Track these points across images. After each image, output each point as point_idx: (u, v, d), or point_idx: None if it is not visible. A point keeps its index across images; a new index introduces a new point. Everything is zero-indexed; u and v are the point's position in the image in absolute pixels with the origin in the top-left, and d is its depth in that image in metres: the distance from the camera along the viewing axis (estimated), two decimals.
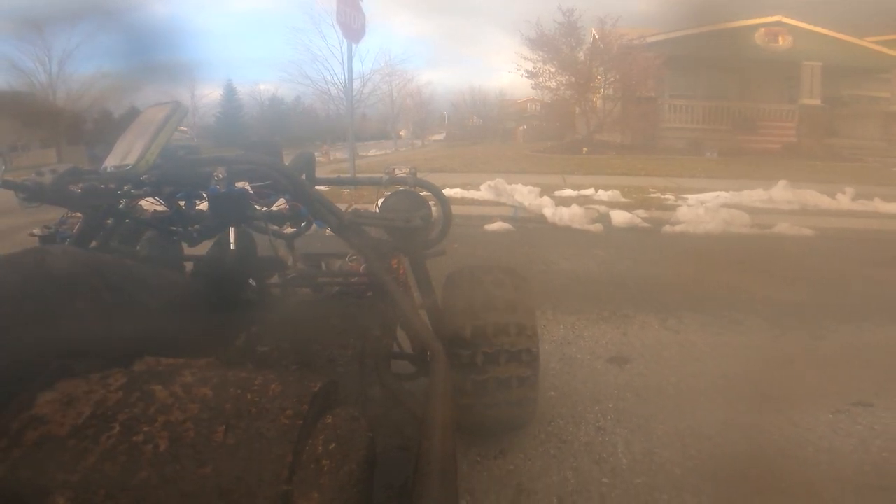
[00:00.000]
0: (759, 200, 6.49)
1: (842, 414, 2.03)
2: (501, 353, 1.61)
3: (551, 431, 1.90)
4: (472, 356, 1.59)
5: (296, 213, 1.45)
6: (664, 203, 6.62)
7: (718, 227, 5.34)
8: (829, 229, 5.47)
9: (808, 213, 6.18)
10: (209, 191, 1.24)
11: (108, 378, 0.76)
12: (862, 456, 1.80)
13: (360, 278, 1.68)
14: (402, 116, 32.00)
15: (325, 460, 0.70)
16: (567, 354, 2.53)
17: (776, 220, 5.56)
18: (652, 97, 15.82)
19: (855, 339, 2.77)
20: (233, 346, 1.17)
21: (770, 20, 15.58)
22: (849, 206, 6.54)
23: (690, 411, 2.03)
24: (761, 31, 15.58)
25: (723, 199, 6.40)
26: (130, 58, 3.16)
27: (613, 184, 7.93)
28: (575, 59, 16.32)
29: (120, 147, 1.34)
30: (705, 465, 1.74)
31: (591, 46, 16.15)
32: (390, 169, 1.83)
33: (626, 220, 5.61)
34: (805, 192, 6.68)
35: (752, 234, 5.27)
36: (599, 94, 16.99)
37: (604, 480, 1.66)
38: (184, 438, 0.67)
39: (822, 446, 1.84)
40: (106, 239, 1.43)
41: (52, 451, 0.64)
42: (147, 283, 1.07)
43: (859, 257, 4.50)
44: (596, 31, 16.01)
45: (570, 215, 5.61)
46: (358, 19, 9.16)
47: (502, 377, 1.61)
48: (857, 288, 3.62)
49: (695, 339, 2.73)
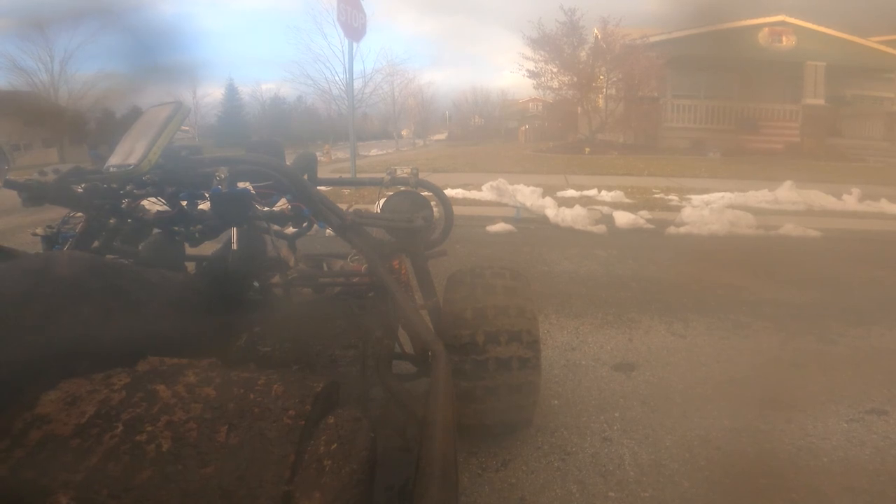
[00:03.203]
0: (764, 201, 6.41)
1: (856, 423, 1.97)
2: (501, 333, 1.59)
3: (555, 443, 1.84)
4: (472, 335, 1.59)
5: (298, 214, 1.45)
6: (668, 204, 6.55)
7: (723, 229, 5.27)
8: (835, 230, 5.39)
9: (815, 214, 6.10)
10: (211, 191, 1.24)
11: (112, 378, 0.76)
12: (878, 466, 1.73)
13: (362, 279, 1.66)
14: (404, 116, 31.93)
15: (327, 460, 0.70)
16: (571, 360, 2.46)
17: (782, 221, 5.48)
18: (654, 97, 15.79)
19: (864, 343, 2.71)
20: (235, 347, 1.17)
21: (773, 20, 15.55)
22: (855, 206, 6.45)
23: (699, 419, 1.96)
24: (765, 31, 15.60)
25: (727, 200, 6.33)
26: (132, 58, 2.99)
27: (616, 184, 7.87)
28: (577, 58, 16.25)
29: (122, 147, 1.34)
30: (715, 476, 1.68)
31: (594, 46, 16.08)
32: (392, 169, 1.84)
33: (630, 221, 5.53)
34: (811, 193, 6.60)
35: (757, 235, 5.19)
36: (602, 94, 16.91)
37: (610, 494, 1.59)
38: (187, 438, 0.67)
39: (837, 456, 1.78)
40: (109, 239, 1.42)
41: (56, 451, 0.64)
42: (150, 287, 1.07)
43: (867, 259, 4.42)
44: (598, 31, 15.95)
45: (572, 216, 5.54)
46: (359, 18, 9.11)
47: (503, 357, 1.58)
48: (866, 290, 3.55)
49: (701, 343, 2.67)
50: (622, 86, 15.94)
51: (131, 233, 1.47)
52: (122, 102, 5.61)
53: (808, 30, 15.52)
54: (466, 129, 34.04)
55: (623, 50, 15.25)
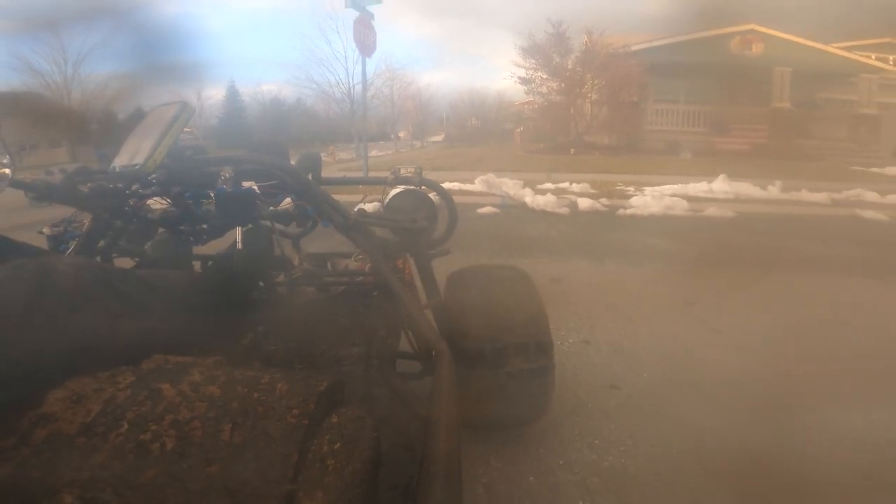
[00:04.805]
0: (701, 191, 7.96)
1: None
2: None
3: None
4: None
5: (302, 213, 1.44)
6: (624, 193, 8.07)
7: (661, 211, 6.81)
8: (749, 213, 6.93)
9: (740, 202, 7.62)
10: (216, 190, 1.24)
11: (117, 376, 0.76)
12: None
13: (366, 278, 1.69)
14: (402, 118, 32.86)
15: (331, 460, 0.70)
16: None
17: (709, 206, 7.02)
18: (635, 102, 17.00)
19: (715, 277, 4.22)
20: (240, 345, 1.19)
21: (744, 29, 16.81)
22: (777, 196, 7.98)
23: (590, 301, 3.47)
24: (736, 39, 16.79)
25: (671, 191, 7.86)
26: (141, 56, 3.16)
27: (589, 179, 9.37)
28: (564, 66, 17.68)
29: (128, 147, 1.35)
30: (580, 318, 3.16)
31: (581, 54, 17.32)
32: (396, 168, 1.86)
33: (590, 205, 7.08)
34: (741, 185, 8.14)
35: (685, 216, 6.73)
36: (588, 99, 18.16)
37: None
38: (192, 437, 0.67)
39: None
40: (114, 238, 1.43)
41: (62, 449, 0.64)
42: (154, 290, 1.07)
43: (753, 229, 5.98)
44: (587, 40, 17.25)
45: (545, 202, 7.07)
46: (370, 36, 10.65)
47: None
48: (729, 248, 5.09)
49: (607, 271, 4.21)
50: (606, 91, 17.21)
51: (137, 232, 1.49)
52: (131, 102, 5.19)
53: (776, 37, 16.82)
54: (463, 131, 34.47)
55: (606, 58, 16.61)
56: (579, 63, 17.40)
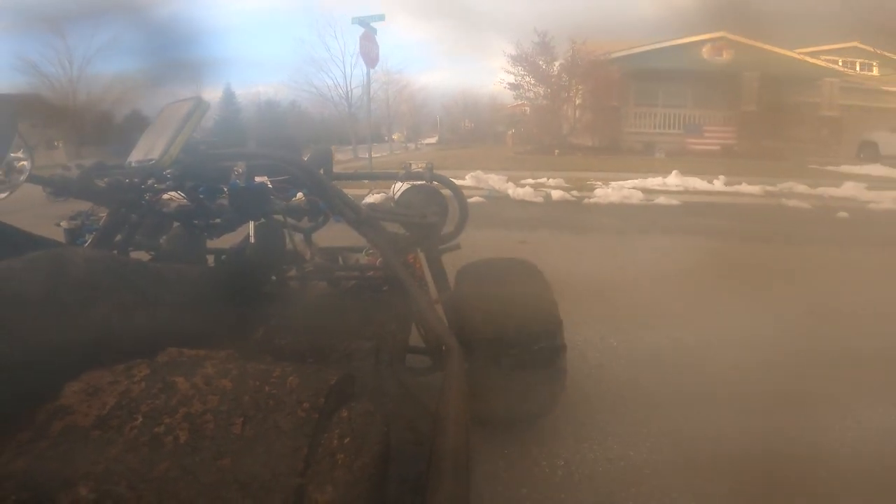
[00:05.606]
0: (656, 185, 9.41)
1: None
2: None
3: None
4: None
5: (314, 208, 1.46)
6: (592, 187, 9.49)
7: (618, 200, 8.25)
8: (691, 202, 8.36)
9: (688, 193, 9.04)
10: (230, 185, 1.25)
11: (132, 369, 0.77)
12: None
13: (377, 272, 1.69)
14: (397, 121, 33.40)
15: (340, 454, 0.71)
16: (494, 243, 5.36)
17: (660, 196, 8.44)
18: (615, 106, 18.26)
19: (642, 241, 5.63)
20: (252, 339, 1.20)
21: (715, 36, 17.94)
22: (720, 188, 9.41)
23: (545, 253, 4.86)
24: (707, 46, 17.98)
25: (631, 184, 9.31)
26: (146, 57, 3.28)
27: (567, 176, 10.75)
28: (550, 73, 19.00)
29: (144, 142, 1.36)
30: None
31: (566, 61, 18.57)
32: (407, 164, 1.87)
33: (560, 196, 8.52)
34: (690, 179, 9.59)
35: (637, 204, 8.16)
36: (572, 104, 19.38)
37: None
38: (204, 430, 0.68)
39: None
40: (131, 232, 1.44)
41: (77, 442, 0.65)
42: (167, 283, 1.08)
43: (689, 213, 7.44)
44: (573, 47, 18.33)
45: (524, 193, 8.51)
46: (374, 49, 12.01)
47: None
48: (661, 224, 6.53)
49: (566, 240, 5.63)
50: (589, 96, 18.48)
51: (152, 226, 1.53)
52: (131, 104, 4.82)
53: (744, 44, 17.88)
54: (456, 133, 35.00)
55: (589, 66, 17.88)
56: (564, 70, 18.70)
